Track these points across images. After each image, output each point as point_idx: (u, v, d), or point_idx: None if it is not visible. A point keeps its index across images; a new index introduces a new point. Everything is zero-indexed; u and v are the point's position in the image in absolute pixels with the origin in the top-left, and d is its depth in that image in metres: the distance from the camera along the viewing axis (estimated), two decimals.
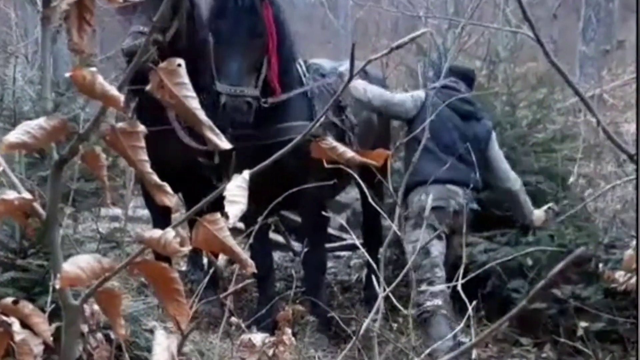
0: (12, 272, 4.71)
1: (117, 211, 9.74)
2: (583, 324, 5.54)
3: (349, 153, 1.08)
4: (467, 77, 5.99)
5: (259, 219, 3.81)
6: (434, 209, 5.29)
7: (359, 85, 5.68)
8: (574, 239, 6.02)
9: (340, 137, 5.50)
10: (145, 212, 10.74)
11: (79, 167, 5.37)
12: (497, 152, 5.83)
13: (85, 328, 4.77)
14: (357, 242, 3.80)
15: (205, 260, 8.33)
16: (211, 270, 5.35)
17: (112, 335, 4.45)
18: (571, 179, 6.74)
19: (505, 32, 12.06)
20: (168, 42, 5.25)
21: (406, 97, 5.78)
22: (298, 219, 6.76)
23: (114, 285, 3.74)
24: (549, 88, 8.22)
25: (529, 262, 6.05)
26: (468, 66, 6.61)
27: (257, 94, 5.07)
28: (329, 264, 7.25)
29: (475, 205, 5.57)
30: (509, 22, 11.06)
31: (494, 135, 5.90)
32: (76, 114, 5.39)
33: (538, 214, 5.95)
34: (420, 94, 5.76)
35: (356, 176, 4.19)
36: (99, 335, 4.66)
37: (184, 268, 7.67)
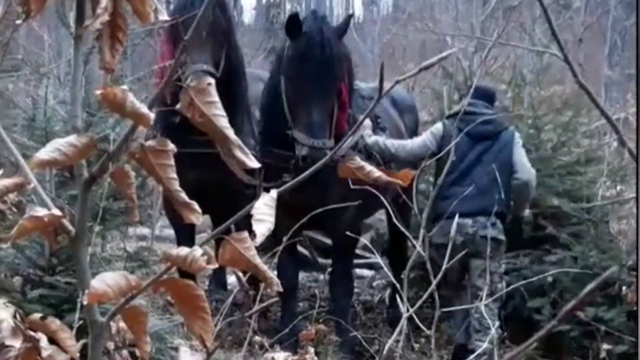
0: (41, 290, 4.76)
1: (145, 230, 9.82)
2: (606, 346, 5.52)
3: (376, 172, 1.08)
4: (487, 95, 5.95)
5: (284, 239, 3.83)
6: (439, 246, 5.06)
7: (380, 141, 5.75)
8: (598, 261, 6.01)
9: (369, 158, 5.56)
10: (171, 232, 10.79)
11: (108, 186, 5.43)
12: (519, 152, 5.79)
13: (111, 345, 4.80)
14: (381, 262, 3.79)
15: (231, 279, 8.37)
16: (235, 290, 5.37)
17: (137, 353, 4.47)
18: (595, 202, 6.71)
19: (531, 55, 12.06)
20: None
21: (425, 137, 5.82)
22: (325, 239, 6.77)
23: (140, 304, 3.78)
24: (574, 111, 8.20)
25: (551, 282, 6.06)
26: (487, 85, 6.60)
27: (332, 144, 5.19)
28: None
29: (492, 233, 5.47)
30: (535, 45, 11.05)
31: (517, 139, 5.85)
32: (106, 134, 5.45)
33: None
34: (439, 126, 5.79)
35: (382, 198, 4.19)
36: (124, 352, 4.68)
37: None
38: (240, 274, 1.18)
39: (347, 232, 5.39)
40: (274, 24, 26.36)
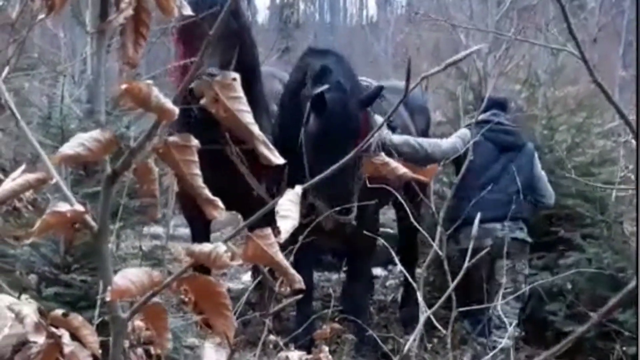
0: (56, 287, 4.77)
1: (158, 229, 9.83)
2: (620, 347, 5.53)
3: (401, 169, 1.07)
4: (504, 107, 6.14)
5: (300, 238, 3.83)
6: (466, 250, 5.28)
7: (410, 140, 5.84)
8: (612, 262, 6.02)
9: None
10: (185, 231, 10.83)
11: (124, 184, 5.43)
12: (539, 172, 6.04)
13: (125, 343, 4.81)
14: (397, 261, 3.79)
15: (244, 278, 8.36)
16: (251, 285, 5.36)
17: (152, 351, 4.47)
18: (609, 203, 6.71)
19: (545, 55, 12.00)
20: None
21: (455, 141, 5.98)
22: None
23: (164, 305, 3.77)
24: (588, 112, 8.18)
25: (568, 285, 6.06)
26: (500, 95, 6.73)
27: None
28: None
29: (520, 235, 5.79)
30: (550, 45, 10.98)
31: (536, 158, 6.02)
32: (122, 132, 5.45)
33: None
34: (467, 132, 5.91)
35: (399, 196, 4.20)
36: (139, 350, 4.69)
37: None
38: (264, 270, 1.16)
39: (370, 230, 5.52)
40: (287, 23, 26.38)
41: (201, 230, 6.21)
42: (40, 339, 0.97)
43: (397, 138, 5.80)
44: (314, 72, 5.59)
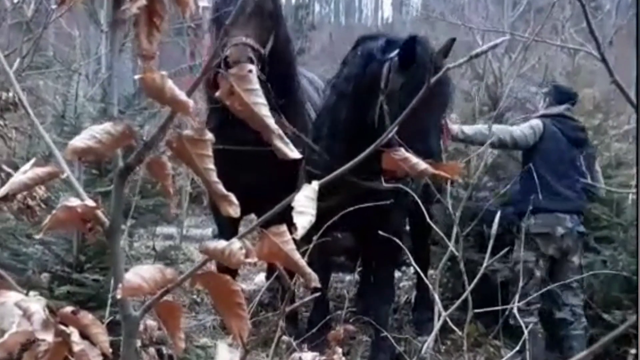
0: (68, 286, 4.76)
1: (172, 229, 9.83)
2: (633, 350, 5.52)
3: (422, 165, 1.03)
4: (573, 101, 6.22)
5: (314, 238, 3.79)
6: (540, 234, 5.85)
7: (482, 129, 6.07)
8: (627, 264, 6.02)
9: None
10: (198, 232, 10.82)
11: (136, 182, 5.42)
12: (597, 167, 6.26)
13: (138, 342, 4.79)
14: (413, 261, 3.75)
15: (257, 278, 8.34)
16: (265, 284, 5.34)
17: (164, 351, 4.45)
18: (626, 205, 6.69)
19: (562, 57, 11.91)
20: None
21: (527, 131, 6.06)
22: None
23: (179, 303, 3.74)
24: (605, 114, 8.14)
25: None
26: (569, 87, 6.81)
27: None
28: None
29: (582, 229, 5.97)
30: (568, 48, 10.91)
31: (597, 153, 6.43)
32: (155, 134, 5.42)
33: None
34: (540, 124, 6.02)
35: (416, 196, 4.16)
36: (152, 350, 4.67)
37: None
38: (282, 269, 1.12)
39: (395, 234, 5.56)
40: (302, 24, 26.34)
41: (229, 228, 6.07)
42: (49, 337, 0.95)
43: (467, 128, 5.91)
44: (382, 42, 5.51)
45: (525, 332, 2.90)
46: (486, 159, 6.55)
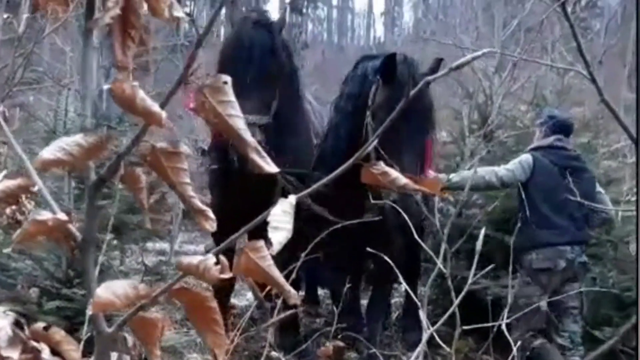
0: (57, 301, 4.74)
1: (164, 245, 9.80)
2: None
3: (403, 179, 1.01)
4: (568, 130, 6.21)
5: (302, 255, 3.78)
6: (543, 270, 5.83)
7: (466, 176, 5.94)
8: (617, 282, 6.01)
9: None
10: (191, 247, 10.79)
11: (124, 199, 5.39)
12: (600, 190, 6.20)
13: (127, 359, 4.75)
14: (401, 278, 3.73)
15: (249, 294, 8.30)
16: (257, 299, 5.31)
17: None
18: (615, 222, 6.69)
19: (551, 76, 11.94)
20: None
21: (514, 168, 6.04)
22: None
23: (157, 318, 3.71)
24: (594, 133, 8.16)
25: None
26: (564, 114, 6.79)
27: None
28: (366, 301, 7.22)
29: (584, 259, 5.92)
30: (557, 68, 10.94)
31: (595, 179, 6.27)
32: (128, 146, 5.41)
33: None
34: (528, 159, 6.03)
35: (403, 212, 4.15)
36: None
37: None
38: (256, 288, 1.10)
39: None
40: (296, 43, 26.42)
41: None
42: (15, 354, 0.92)
43: (456, 176, 5.89)
44: (375, 63, 5.60)
45: (515, 348, 2.86)
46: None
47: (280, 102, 5.46)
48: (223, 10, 5.53)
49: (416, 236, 3.60)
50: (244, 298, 8.29)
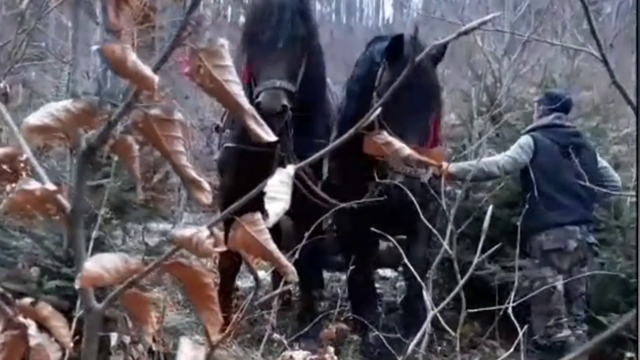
0: (58, 281, 4.70)
1: (168, 226, 9.78)
2: (629, 354, 5.51)
3: (406, 150, 0.97)
4: (567, 107, 6.15)
5: (306, 235, 3.75)
6: (554, 250, 5.83)
7: (465, 166, 5.90)
8: (625, 267, 5.97)
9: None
10: None
11: (127, 177, 5.35)
12: (604, 164, 6.24)
13: (127, 339, 4.73)
14: (407, 262, 3.69)
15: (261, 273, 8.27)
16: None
17: (155, 348, 4.39)
18: (624, 208, 6.65)
19: (561, 59, 11.84)
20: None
21: (515, 154, 6.00)
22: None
23: (158, 298, 3.69)
24: (603, 116, 8.10)
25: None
26: (561, 91, 6.73)
27: (425, 172, 5.39)
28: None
29: (592, 239, 5.94)
30: (567, 50, 10.86)
31: (596, 150, 6.29)
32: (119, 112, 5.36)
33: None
34: (528, 140, 5.96)
35: (410, 193, 4.11)
36: (140, 346, 4.61)
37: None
38: (251, 263, 1.05)
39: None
40: None
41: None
42: None
43: (453, 167, 5.80)
44: (384, 45, 5.56)
45: (520, 332, 2.82)
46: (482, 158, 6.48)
47: (305, 71, 5.38)
48: None
49: (422, 217, 3.55)
50: (247, 280, 8.26)
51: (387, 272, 8.38)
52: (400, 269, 8.14)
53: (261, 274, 8.12)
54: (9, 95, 5.41)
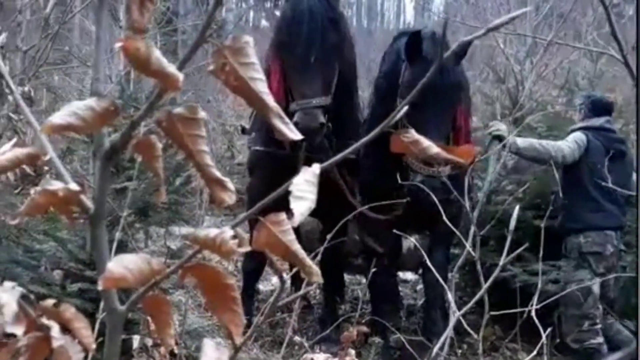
0: (81, 283, 4.72)
1: (191, 230, 9.78)
2: None
3: (434, 148, 0.95)
4: (609, 107, 6.12)
5: (328, 236, 3.75)
6: (592, 253, 5.78)
7: (534, 142, 5.91)
8: None
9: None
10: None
11: (150, 180, 5.36)
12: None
13: (149, 342, 4.73)
14: (429, 264, 3.66)
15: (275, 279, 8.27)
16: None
17: (176, 350, 4.39)
18: None
19: (584, 61, 11.76)
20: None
21: (573, 145, 5.94)
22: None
23: (180, 300, 3.69)
24: (626, 119, 8.04)
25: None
26: (602, 95, 6.72)
27: (449, 171, 5.34)
28: None
29: (622, 246, 5.94)
30: (590, 53, 10.79)
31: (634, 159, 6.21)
32: (152, 127, 5.38)
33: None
34: (583, 137, 5.91)
35: (432, 194, 4.08)
36: (163, 349, 4.61)
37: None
38: (275, 262, 1.03)
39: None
40: None
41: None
42: (19, 331, 0.87)
43: (521, 141, 5.75)
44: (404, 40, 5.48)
45: (544, 335, 2.79)
46: (506, 161, 6.43)
47: (339, 78, 5.35)
48: None
49: (445, 218, 3.51)
50: (269, 283, 8.26)
51: (408, 275, 8.35)
52: (421, 271, 8.12)
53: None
54: (33, 99, 5.47)
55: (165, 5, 11.39)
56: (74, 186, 0.91)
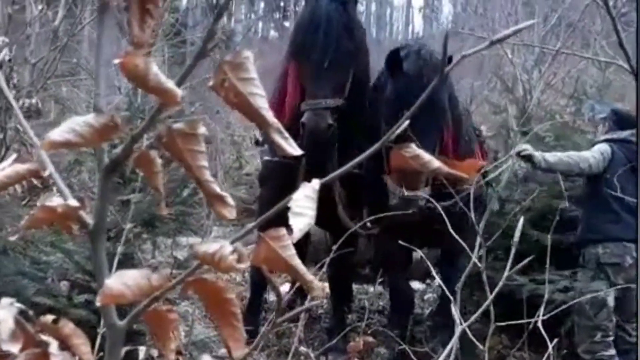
0: (87, 295, 4.72)
1: (197, 240, 9.78)
2: None
3: (436, 163, 0.94)
4: (632, 123, 6.11)
5: (334, 247, 3.75)
6: (611, 264, 5.75)
7: (562, 157, 5.89)
8: None
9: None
10: None
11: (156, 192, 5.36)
12: None
13: (154, 353, 4.72)
14: (437, 276, 3.65)
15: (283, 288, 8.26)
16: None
17: None
18: None
19: (592, 70, 11.74)
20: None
21: (598, 157, 5.93)
22: None
23: (186, 311, 3.68)
24: (635, 128, 8.03)
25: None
26: (628, 111, 6.71)
27: (429, 192, 5.34)
28: None
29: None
30: (598, 62, 10.78)
31: None
32: (153, 142, 5.37)
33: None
34: (608, 149, 5.91)
35: (436, 205, 4.07)
36: None
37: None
38: (272, 278, 1.03)
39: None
40: None
41: None
42: (15, 348, 0.86)
43: (550, 156, 5.75)
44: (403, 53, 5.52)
45: (550, 346, 2.77)
46: (515, 170, 6.42)
47: (352, 83, 5.39)
48: None
49: (451, 230, 3.50)
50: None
51: (416, 285, 8.33)
52: (428, 281, 8.09)
53: (287, 286, 8.12)
54: (41, 110, 5.49)
55: (174, 17, 11.42)
56: (72, 202, 0.91)
